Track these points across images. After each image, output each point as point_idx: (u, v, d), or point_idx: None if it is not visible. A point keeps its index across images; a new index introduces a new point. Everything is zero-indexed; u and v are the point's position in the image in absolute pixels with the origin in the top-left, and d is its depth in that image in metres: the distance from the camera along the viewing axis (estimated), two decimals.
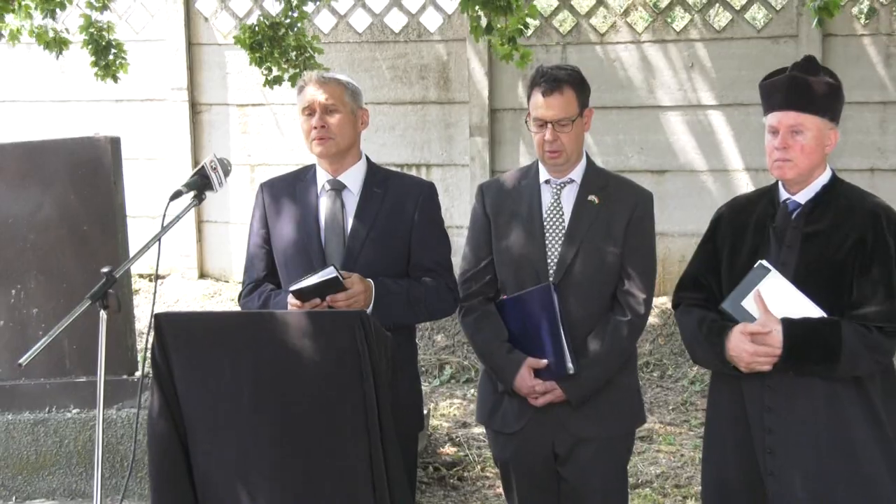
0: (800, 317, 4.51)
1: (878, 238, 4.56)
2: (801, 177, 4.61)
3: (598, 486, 5.21)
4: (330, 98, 5.04)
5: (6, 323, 7.09)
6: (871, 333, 4.45)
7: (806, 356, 4.48)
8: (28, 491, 6.69)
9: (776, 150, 4.57)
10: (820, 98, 4.57)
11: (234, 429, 4.17)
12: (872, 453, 4.50)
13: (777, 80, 4.64)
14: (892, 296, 4.51)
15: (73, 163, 7.08)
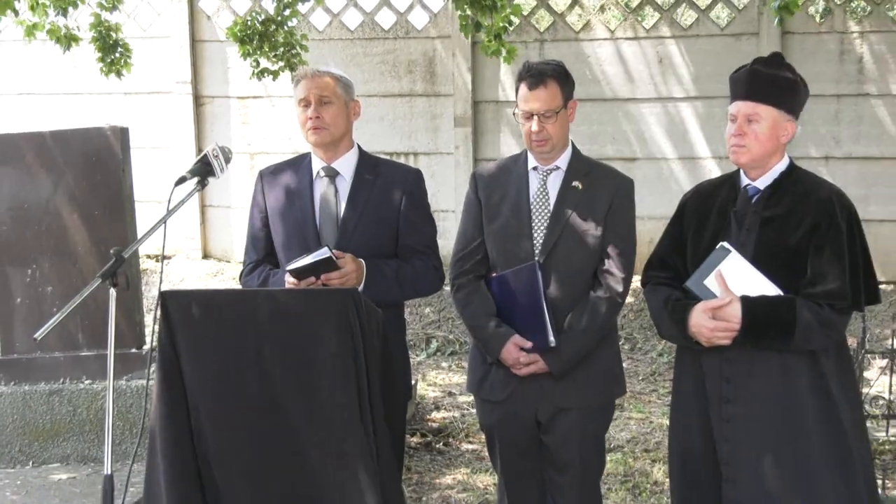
0: (757, 295, 4.54)
1: (832, 222, 4.58)
2: (755, 162, 4.65)
3: (577, 453, 5.21)
4: (324, 91, 5.07)
5: (22, 300, 7.09)
6: (823, 310, 4.48)
7: (763, 331, 4.51)
8: (44, 456, 6.69)
9: (732, 136, 4.62)
10: (778, 91, 4.61)
11: (235, 397, 4.17)
12: (823, 422, 4.54)
13: (740, 73, 4.68)
14: (843, 276, 4.54)
15: (84, 152, 7.07)
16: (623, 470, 7.83)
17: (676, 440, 4.94)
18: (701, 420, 4.74)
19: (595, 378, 5.21)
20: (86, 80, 12.19)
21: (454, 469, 7.98)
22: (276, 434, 4.17)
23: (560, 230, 5.12)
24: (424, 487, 7.57)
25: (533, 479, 5.37)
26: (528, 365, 5.07)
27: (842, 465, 4.61)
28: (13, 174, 7.09)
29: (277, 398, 4.15)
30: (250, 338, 4.15)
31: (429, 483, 7.68)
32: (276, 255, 5.23)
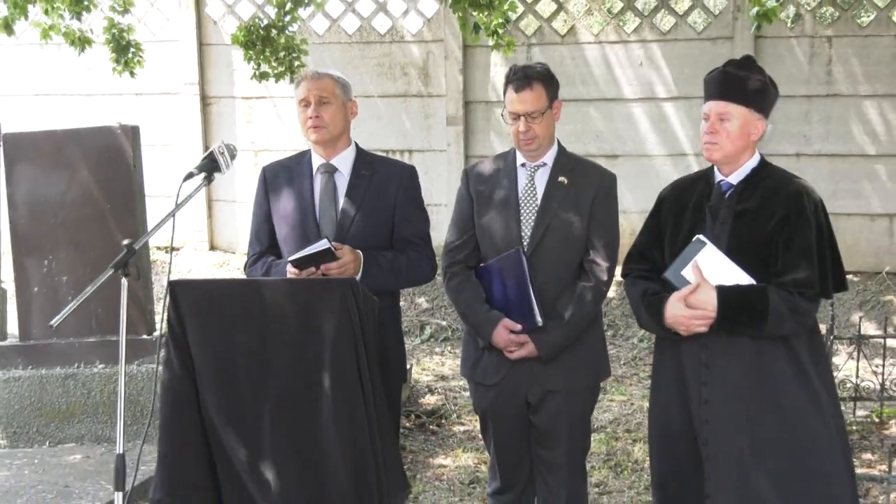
0: (732, 284, 4.55)
1: (801, 215, 4.60)
2: (727, 159, 4.66)
3: (564, 432, 5.23)
4: (323, 92, 5.08)
5: (39, 289, 7.09)
6: (793, 298, 4.50)
7: (737, 318, 4.53)
8: (59, 436, 6.69)
9: (706, 134, 4.65)
10: (748, 92, 4.63)
11: (241, 380, 4.18)
12: (799, 402, 4.55)
13: (713, 74, 4.70)
14: (812, 266, 4.57)
15: (97, 149, 7.07)
16: (606, 449, 7.84)
17: (656, 421, 4.95)
18: (679, 402, 4.75)
19: (581, 362, 5.24)
20: (99, 81, 12.19)
21: (447, 449, 7.99)
22: (281, 412, 4.18)
23: (547, 223, 5.15)
24: (419, 466, 7.59)
25: (523, 457, 5.39)
26: (519, 346, 5.09)
27: (829, 445, 4.63)
28: (30, 171, 7.09)
29: (281, 380, 4.16)
30: (255, 324, 4.16)
31: (423, 462, 7.69)
32: (278, 246, 5.23)
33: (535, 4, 11.75)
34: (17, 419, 6.73)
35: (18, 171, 7.12)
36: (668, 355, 4.82)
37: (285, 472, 4.20)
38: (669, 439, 4.85)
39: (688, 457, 4.76)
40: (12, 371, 6.84)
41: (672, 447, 4.85)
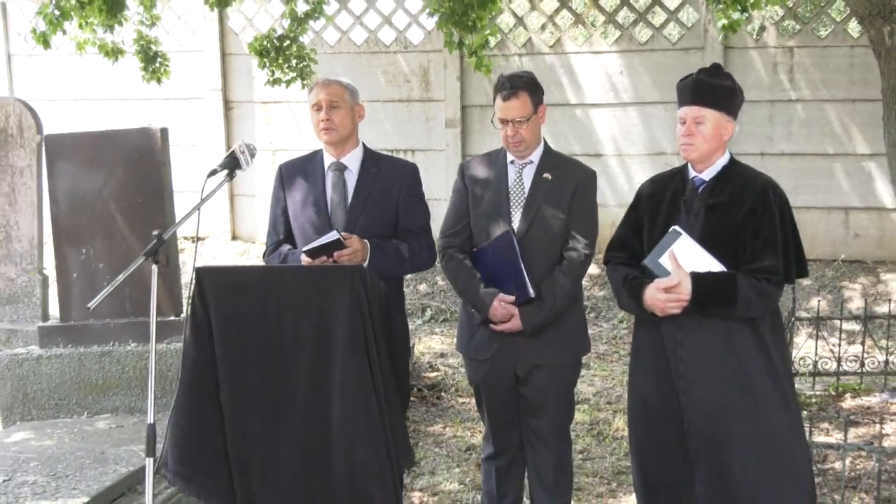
0: (704, 271, 4.58)
1: (767, 208, 4.64)
2: (702, 157, 4.68)
3: (550, 402, 5.26)
4: (333, 97, 5.11)
5: (78, 275, 7.08)
6: (760, 283, 4.55)
7: (709, 302, 4.57)
8: (96, 408, 6.69)
9: (682, 136, 4.66)
10: (719, 97, 4.66)
11: (258, 356, 4.18)
12: (761, 377, 4.60)
13: (686, 81, 4.71)
14: (776, 254, 4.61)
15: (130, 149, 7.07)
16: (589, 420, 7.85)
17: (635, 394, 4.96)
18: (656, 377, 4.78)
19: (564, 339, 5.27)
20: (131, 87, 12.18)
21: (446, 419, 7.99)
22: (295, 387, 4.18)
23: (533, 214, 5.18)
24: (420, 434, 7.59)
25: (514, 426, 5.40)
26: (510, 318, 5.12)
27: (785, 410, 4.69)
28: (70, 168, 7.08)
29: (297, 356, 4.16)
30: (273, 306, 4.16)
31: (424, 431, 7.70)
32: (293, 236, 5.26)
33: (525, 18, 11.75)
34: (58, 392, 6.73)
35: (59, 169, 7.11)
36: (647, 335, 4.85)
37: (297, 445, 4.20)
38: (647, 410, 4.88)
39: (663, 426, 4.79)
40: (54, 349, 6.84)
41: (649, 417, 4.88)
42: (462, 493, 6.53)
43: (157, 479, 4.70)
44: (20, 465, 5.41)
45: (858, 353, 8.65)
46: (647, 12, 11.61)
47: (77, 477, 5.19)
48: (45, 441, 5.95)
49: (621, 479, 6.61)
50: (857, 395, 7.96)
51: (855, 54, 10.77)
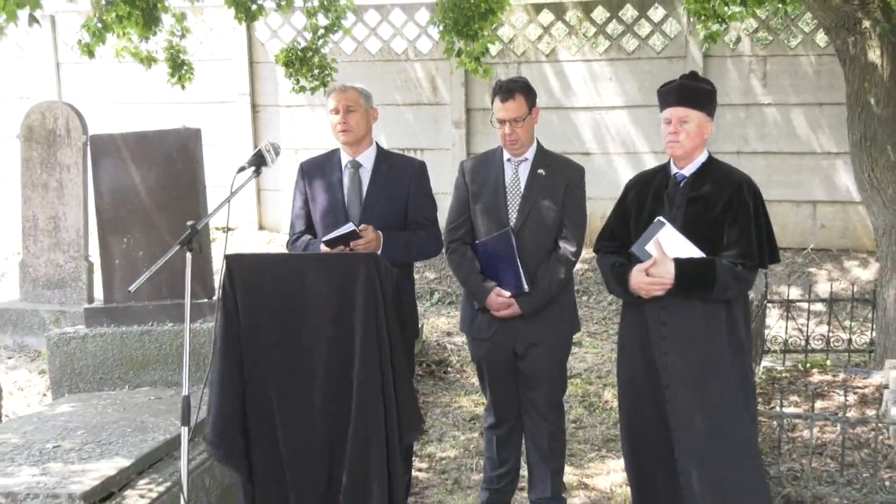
0: (686, 257, 4.61)
1: (741, 201, 4.69)
2: (687, 153, 4.72)
3: (544, 376, 5.30)
4: (349, 102, 5.17)
5: (120, 262, 7.09)
6: (736, 268, 4.61)
7: (690, 285, 4.62)
8: (137, 382, 6.71)
9: (669, 134, 4.69)
10: (701, 99, 4.72)
11: (280, 334, 4.18)
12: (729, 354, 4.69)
13: (670, 86, 4.75)
14: (751, 242, 4.65)
15: (167, 147, 7.07)
16: (581, 392, 7.85)
17: (623, 369, 4.99)
18: (642, 353, 4.82)
19: (557, 320, 5.31)
20: (168, 92, 12.12)
21: (452, 391, 8.00)
22: (315, 363, 4.18)
23: (529, 207, 5.21)
24: (429, 405, 7.60)
25: (513, 398, 5.42)
26: (508, 308, 5.15)
27: (743, 386, 4.77)
28: (113, 165, 7.09)
29: (318, 334, 4.16)
30: (296, 290, 4.17)
31: (432, 402, 7.70)
32: (314, 227, 5.30)
33: (523, 29, 11.73)
34: (102, 367, 6.74)
35: (103, 166, 7.12)
36: (633, 316, 4.90)
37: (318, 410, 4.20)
38: (634, 383, 4.93)
39: (648, 397, 4.83)
40: (98, 328, 6.85)
41: (636, 390, 4.92)
42: (466, 459, 6.53)
43: (192, 445, 4.70)
44: (68, 432, 5.42)
45: (824, 332, 8.65)
46: (633, 24, 11.62)
47: (119, 443, 5.19)
48: (90, 411, 5.96)
49: (610, 447, 6.61)
50: (824, 371, 7.95)
51: (822, 62, 10.75)
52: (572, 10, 11.79)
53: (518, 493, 5.70)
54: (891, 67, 7.18)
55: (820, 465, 5.89)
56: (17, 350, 9.20)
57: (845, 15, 7.19)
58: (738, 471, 4.68)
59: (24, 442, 5.28)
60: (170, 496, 4.84)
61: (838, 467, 5.60)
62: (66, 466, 4.86)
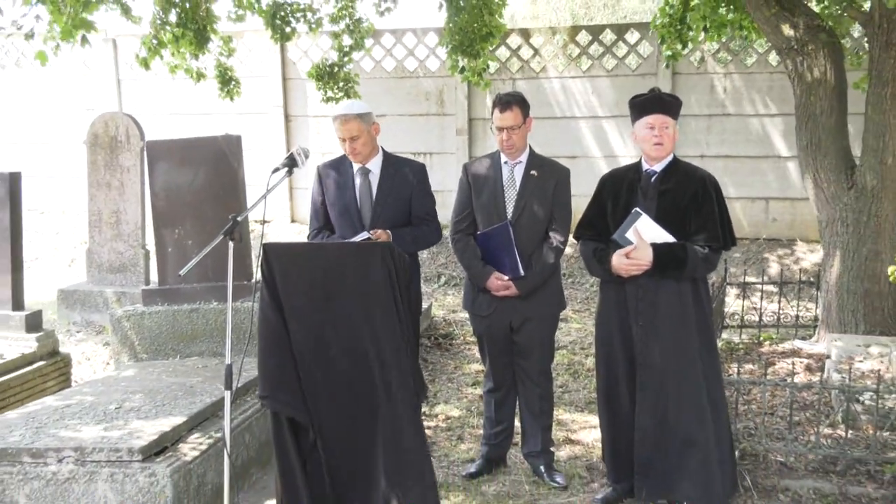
0: (661, 242, 4.69)
1: (706, 193, 4.79)
2: (668, 153, 4.81)
3: (536, 346, 5.33)
4: (352, 132, 5.19)
5: (172, 250, 7.10)
6: (704, 251, 4.73)
7: (665, 265, 4.71)
8: (186, 352, 6.71)
9: (655, 137, 4.76)
10: (674, 108, 4.85)
11: (314, 312, 4.18)
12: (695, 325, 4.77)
13: (652, 97, 4.84)
14: (715, 227, 4.75)
15: (213, 151, 7.07)
16: (567, 361, 7.85)
17: (601, 338, 5.06)
18: (619, 324, 4.89)
19: (547, 298, 5.34)
20: (213, 104, 12.17)
21: (456, 360, 7.99)
22: (343, 331, 4.18)
23: (523, 203, 5.22)
24: (436, 372, 7.60)
25: (508, 366, 5.44)
26: (506, 289, 5.19)
27: (711, 354, 4.84)
28: (166, 167, 7.09)
29: (343, 310, 4.17)
30: (322, 273, 4.17)
31: (440, 369, 7.71)
32: (331, 223, 5.35)
33: (518, 50, 11.71)
34: (157, 340, 6.75)
35: (157, 168, 7.12)
36: (612, 293, 4.95)
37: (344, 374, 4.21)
38: (610, 353, 4.99)
39: (622, 365, 4.91)
40: (153, 307, 6.86)
41: (612, 359, 4.98)
42: (468, 418, 6.54)
43: (234, 406, 4.70)
44: (128, 395, 5.43)
45: (775, 310, 8.66)
46: (612, 46, 11.58)
47: (172, 405, 5.21)
48: (147, 377, 5.97)
49: (591, 408, 6.61)
50: (774, 343, 7.94)
51: (774, 79, 10.74)
52: (559, 33, 11.78)
53: (513, 448, 5.71)
54: (833, 84, 7.19)
55: (771, 423, 5.90)
56: (84, 325, 9.22)
57: (794, 39, 7.18)
58: (694, 416, 4.76)
59: (91, 403, 5.30)
60: (215, 450, 4.85)
61: (787, 426, 5.60)
62: (126, 424, 4.87)
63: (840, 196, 7.21)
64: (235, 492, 4.76)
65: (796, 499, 5.04)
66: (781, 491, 5.11)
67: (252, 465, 5.42)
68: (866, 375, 6.07)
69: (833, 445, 5.38)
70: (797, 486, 5.12)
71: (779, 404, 6.30)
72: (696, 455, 4.74)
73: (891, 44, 6.79)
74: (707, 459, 4.74)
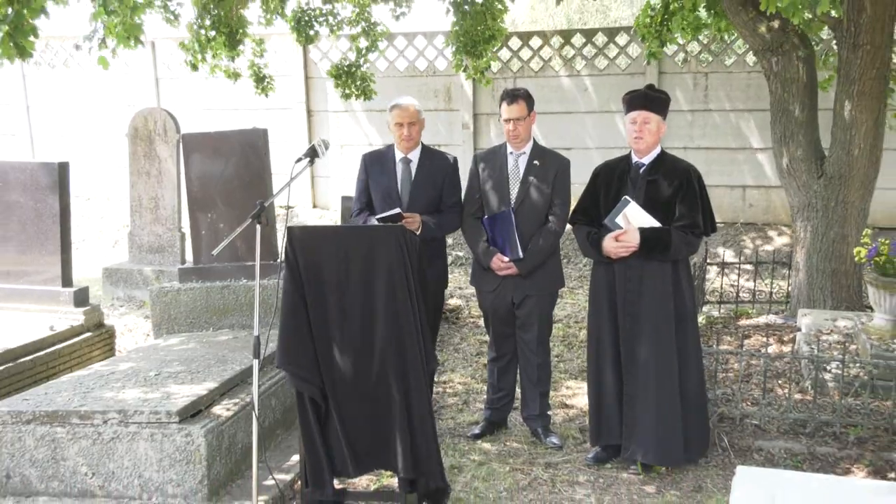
0: (648, 227, 4.68)
1: (689, 183, 4.79)
2: (648, 148, 4.81)
3: (535, 320, 5.33)
4: (413, 118, 5.31)
5: (206, 232, 7.09)
6: (687, 235, 4.76)
7: (652, 248, 4.73)
8: (219, 325, 6.72)
9: (635, 131, 4.76)
10: (658, 105, 4.82)
11: (334, 290, 4.17)
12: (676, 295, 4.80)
13: (637, 94, 4.82)
14: (697, 214, 4.75)
15: (242, 143, 7.05)
16: (563, 333, 7.85)
17: (593, 312, 5.08)
18: (609, 300, 4.91)
19: (546, 277, 5.33)
20: (243, 100, 12.20)
21: (463, 331, 8.00)
22: (358, 305, 4.17)
23: (526, 190, 5.23)
24: (444, 344, 7.61)
25: (510, 338, 5.45)
26: (507, 269, 5.20)
27: (689, 327, 4.86)
28: (201, 157, 7.08)
29: (360, 286, 4.16)
30: (341, 253, 4.16)
31: (447, 340, 7.72)
32: (372, 205, 5.40)
33: (519, 51, 11.65)
34: (192, 314, 6.75)
35: (192, 158, 7.10)
36: (603, 273, 4.96)
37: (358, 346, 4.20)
38: (601, 327, 5.00)
39: (610, 337, 4.93)
40: (189, 284, 6.86)
41: (601, 332, 4.99)
42: (473, 385, 6.55)
43: (261, 374, 4.71)
44: (166, 363, 5.45)
45: (751, 287, 8.64)
46: (603, 48, 11.55)
47: (206, 372, 5.22)
48: (183, 347, 5.99)
49: (584, 376, 6.61)
50: (750, 317, 7.94)
51: (751, 77, 10.68)
52: (556, 36, 11.72)
53: (513, 412, 5.72)
54: (805, 82, 7.18)
55: (746, 390, 5.90)
56: (126, 300, 9.24)
57: (770, 40, 7.14)
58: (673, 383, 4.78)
59: (133, 370, 5.31)
60: (244, 412, 4.86)
61: (761, 392, 5.60)
62: (165, 389, 4.88)
63: (810, 184, 7.19)
64: (262, 450, 4.78)
65: (769, 458, 5.06)
66: (756, 450, 5.12)
67: (277, 427, 5.43)
68: (833, 346, 6.06)
69: (802, 410, 5.39)
70: (770, 447, 5.13)
71: (754, 373, 6.30)
72: (665, 419, 4.77)
73: (857, 45, 6.76)
74: (672, 424, 4.78)
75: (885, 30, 6.71)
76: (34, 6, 5.34)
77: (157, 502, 4.48)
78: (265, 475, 4.69)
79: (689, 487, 4.77)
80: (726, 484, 4.72)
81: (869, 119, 6.88)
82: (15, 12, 5.26)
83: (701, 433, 4.94)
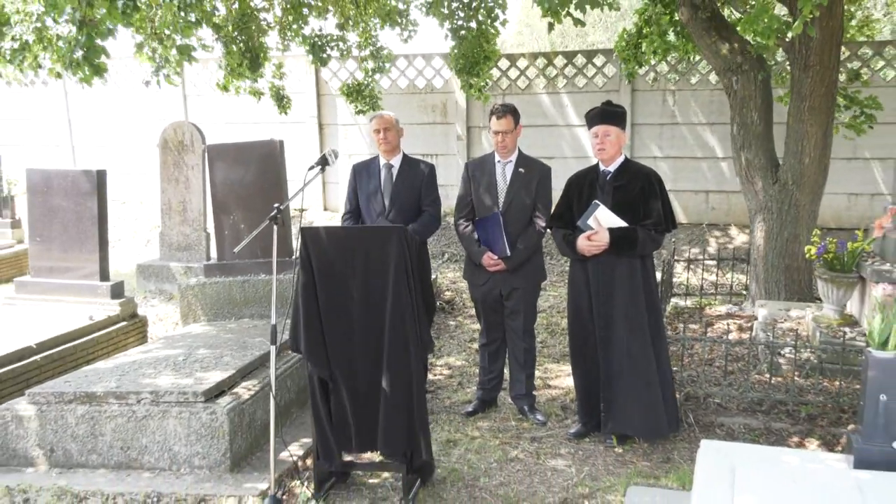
0: (616, 227, 4.67)
1: (651, 187, 4.82)
2: (611, 158, 4.85)
3: (522, 310, 5.34)
4: (387, 124, 5.38)
5: (228, 232, 7.07)
6: (651, 233, 4.76)
7: (620, 246, 4.74)
8: (240, 315, 6.71)
9: (598, 144, 4.81)
10: (617, 118, 4.83)
11: (343, 284, 4.16)
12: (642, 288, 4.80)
13: (596, 110, 4.86)
14: (659, 215, 4.77)
15: (261, 153, 7.04)
16: (546, 322, 7.85)
17: (572, 307, 5.05)
18: (586, 293, 4.91)
19: (531, 272, 5.34)
20: (261, 115, 12.17)
21: (457, 319, 8.00)
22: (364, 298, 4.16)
23: (512, 196, 5.23)
24: (441, 331, 7.61)
25: (499, 326, 5.46)
26: (496, 265, 5.20)
27: (655, 315, 4.86)
28: (223, 166, 7.06)
29: (365, 280, 4.15)
30: (349, 251, 4.15)
31: (443, 328, 7.72)
32: (359, 208, 5.48)
33: (507, 71, 11.64)
34: (216, 305, 6.74)
35: (216, 166, 7.09)
36: (579, 269, 4.97)
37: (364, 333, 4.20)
38: (579, 316, 5.00)
39: (587, 325, 4.93)
40: (213, 279, 6.85)
41: (580, 321, 5.00)
42: (466, 367, 6.55)
43: (278, 358, 4.71)
44: (193, 349, 5.45)
45: (714, 280, 8.64)
46: (583, 68, 11.52)
47: (229, 356, 5.22)
48: (208, 335, 5.98)
49: (565, 360, 6.63)
50: (713, 307, 7.94)
51: (714, 94, 10.67)
52: (540, 58, 11.71)
53: (502, 392, 5.73)
54: (761, 99, 7.19)
55: (710, 372, 5.91)
56: (157, 293, 9.23)
57: (730, 62, 7.15)
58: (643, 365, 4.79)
59: (164, 356, 5.32)
60: (263, 393, 4.86)
61: (723, 374, 5.61)
62: (192, 372, 4.88)
63: (766, 189, 7.20)
64: (279, 427, 4.78)
65: (730, 432, 5.07)
66: (718, 426, 5.13)
67: (293, 406, 5.44)
68: (786, 333, 6.08)
69: (759, 390, 5.40)
70: (731, 423, 5.14)
71: (716, 357, 6.31)
72: (646, 397, 4.78)
73: (808, 66, 6.77)
74: (654, 401, 4.79)
75: (833, 52, 6.74)
76: (101, 29, 5.32)
77: (185, 472, 4.48)
78: (281, 448, 4.70)
79: (659, 459, 4.78)
80: (692, 456, 4.73)
81: (818, 131, 6.90)
82: (86, 35, 5.25)
83: (671, 411, 4.95)
